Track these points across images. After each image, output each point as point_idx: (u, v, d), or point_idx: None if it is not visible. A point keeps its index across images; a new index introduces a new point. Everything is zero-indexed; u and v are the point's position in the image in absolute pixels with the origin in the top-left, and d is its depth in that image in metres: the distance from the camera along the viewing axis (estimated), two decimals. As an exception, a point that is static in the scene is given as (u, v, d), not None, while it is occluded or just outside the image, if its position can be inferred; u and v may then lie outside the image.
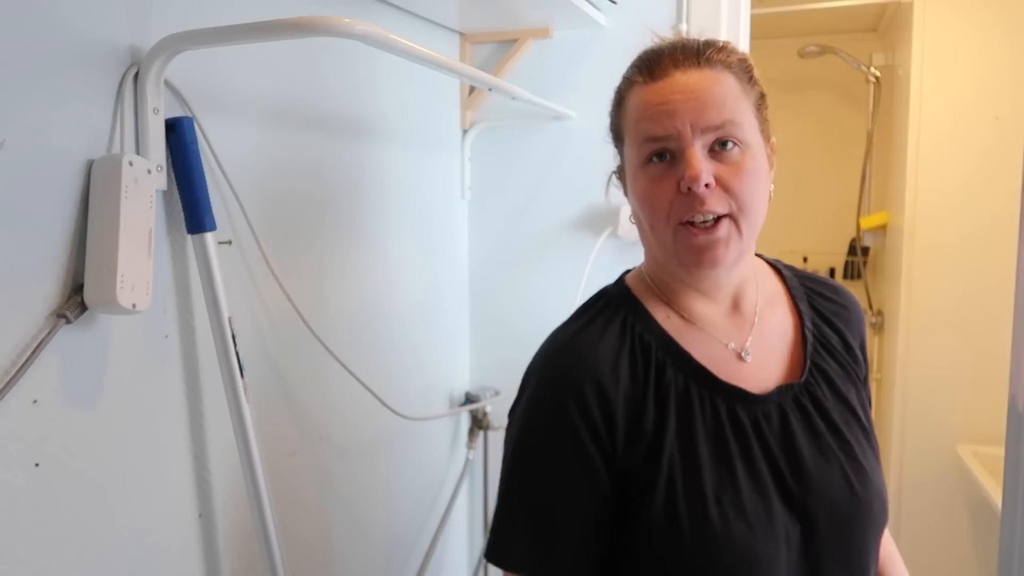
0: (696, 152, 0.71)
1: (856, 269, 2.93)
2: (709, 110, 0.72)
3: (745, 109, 0.74)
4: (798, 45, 2.84)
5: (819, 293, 0.87)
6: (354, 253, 1.22)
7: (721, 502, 0.70)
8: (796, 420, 0.76)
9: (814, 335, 0.82)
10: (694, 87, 0.73)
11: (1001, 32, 2.25)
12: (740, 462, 0.73)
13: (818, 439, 0.76)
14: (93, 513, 0.78)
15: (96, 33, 0.76)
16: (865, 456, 0.77)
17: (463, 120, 1.56)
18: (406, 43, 0.82)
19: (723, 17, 1.40)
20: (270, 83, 1.02)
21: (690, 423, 0.74)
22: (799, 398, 0.77)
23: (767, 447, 0.74)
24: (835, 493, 0.73)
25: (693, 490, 0.71)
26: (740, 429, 0.74)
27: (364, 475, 1.27)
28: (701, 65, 0.74)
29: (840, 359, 0.82)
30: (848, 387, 0.81)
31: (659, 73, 0.75)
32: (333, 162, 1.16)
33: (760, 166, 0.75)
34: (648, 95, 0.75)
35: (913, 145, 2.36)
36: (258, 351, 1.02)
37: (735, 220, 0.73)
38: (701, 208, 0.71)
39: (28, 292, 0.70)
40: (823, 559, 0.73)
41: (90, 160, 0.75)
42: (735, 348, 0.79)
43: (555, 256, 1.57)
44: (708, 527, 0.70)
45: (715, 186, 0.71)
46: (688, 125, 0.72)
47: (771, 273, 0.88)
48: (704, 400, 0.75)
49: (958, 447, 2.35)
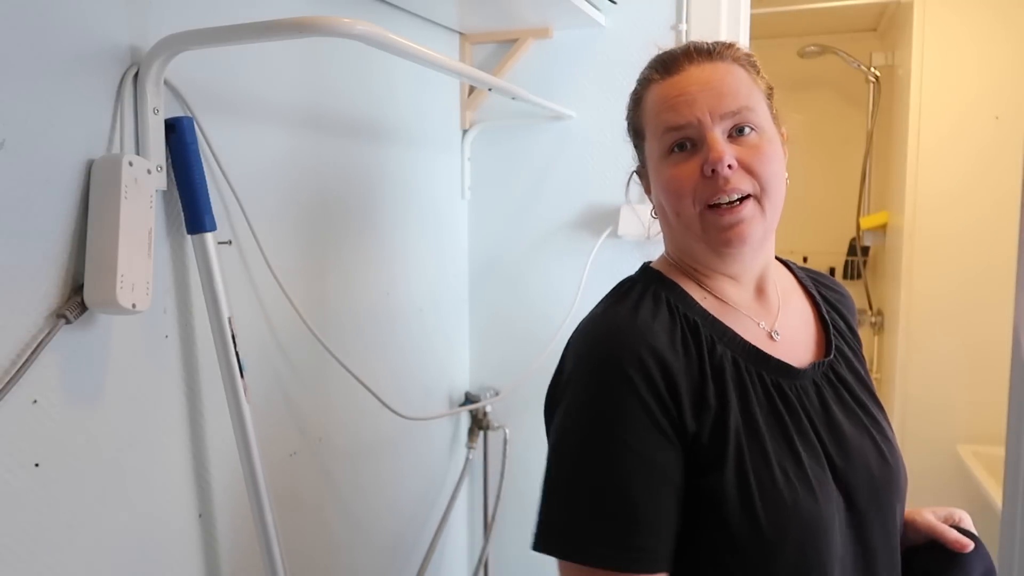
0: (717, 136, 0.75)
1: (856, 269, 2.93)
2: (725, 97, 0.76)
3: (757, 97, 0.79)
4: (798, 45, 2.84)
5: (822, 283, 0.93)
6: (354, 253, 1.22)
7: (786, 472, 0.72)
8: (830, 395, 0.80)
9: (831, 321, 0.87)
10: (709, 77, 0.77)
11: (1001, 32, 2.25)
12: (796, 434, 0.75)
13: (850, 413, 0.80)
14: (93, 513, 0.78)
15: (96, 33, 0.76)
16: (889, 430, 0.82)
17: (463, 120, 1.55)
18: (406, 43, 0.82)
19: (723, 17, 1.40)
20: (270, 83, 1.02)
21: (747, 397, 0.75)
22: (828, 375, 0.81)
23: (812, 420, 0.77)
24: (871, 462, 0.77)
25: (760, 461, 0.72)
26: (789, 403, 0.77)
27: (364, 475, 1.27)
28: (713, 59, 0.78)
29: (849, 342, 0.87)
30: (860, 366, 0.86)
31: (674, 69, 0.79)
32: (333, 162, 1.16)
33: (777, 150, 0.79)
34: (666, 89, 0.79)
35: (913, 145, 2.37)
36: (258, 351, 1.02)
37: (758, 200, 0.76)
38: (726, 187, 0.74)
39: (28, 292, 0.70)
40: (865, 526, 0.76)
41: (90, 160, 0.75)
42: (766, 328, 0.82)
43: (555, 256, 1.57)
44: (778, 497, 0.71)
45: (737, 167, 0.75)
46: (707, 112, 0.75)
47: (781, 267, 0.93)
48: (753, 375, 0.77)
49: (958, 447, 2.35)
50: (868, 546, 0.76)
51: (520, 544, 0.91)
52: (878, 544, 0.77)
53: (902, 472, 0.80)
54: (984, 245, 2.31)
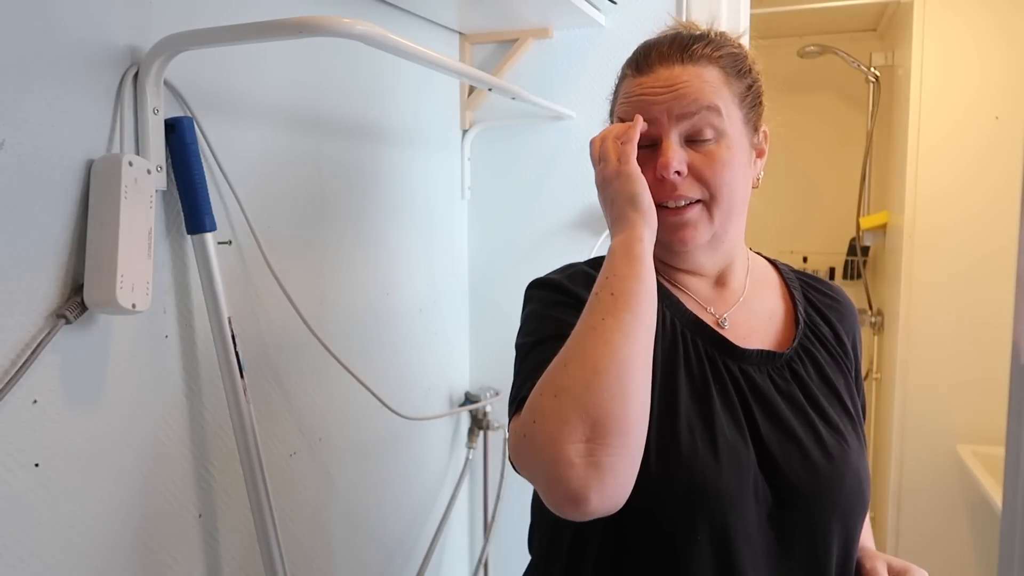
0: (671, 142, 0.77)
1: (856, 269, 2.93)
2: (683, 100, 0.77)
3: (724, 101, 0.78)
4: (798, 45, 2.84)
5: (814, 288, 0.91)
6: (354, 253, 1.22)
7: (692, 430, 0.73)
8: (778, 386, 0.79)
9: (806, 321, 0.86)
10: (673, 81, 0.78)
11: (1001, 32, 2.25)
12: (720, 403, 0.76)
13: (797, 407, 0.78)
14: (93, 513, 0.78)
15: (96, 33, 0.76)
16: (847, 434, 0.79)
17: (463, 120, 1.55)
18: (406, 43, 0.82)
19: (723, 17, 1.40)
20: (270, 83, 1.02)
21: (675, 356, 0.78)
22: (783, 370, 0.81)
23: (745, 398, 0.77)
24: (808, 455, 0.75)
25: (667, 414, 0.74)
26: (719, 375, 0.78)
27: (364, 475, 1.27)
28: (684, 61, 0.79)
29: (831, 349, 0.85)
30: (837, 376, 0.83)
31: (645, 67, 0.80)
32: (333, 162, 1.16)
33: (736, 156, 0.79)
34: (634, 87, 0.81)
35: (913, 145, 2.36)
36: (258, 351, 1.02)
37: (706, 205, 0.78)
38: (673, 194, 0.77)
39: (28, 292, 0.70)
40: (789, 528, 0.73)
41: (90, 160, 0.75)
42: (714, 314, 0.83)
43: (555, 256, 1.57)
44: (672, 447, 0.72)
45: (687, 174, 0.77)
46: (664, 114, 0.77)
47: (767, 265, 0.92)
48: (687, 339, 0.79)
49: (958, 447, 2.35)
50: (790, 551, 0.74)
51: (520, 544, 0.91)
52: (801, 552, 0.74)
53: (850, 477, 0.76)
54: (984, 245, 2.31)
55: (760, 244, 0.84)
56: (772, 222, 2.93)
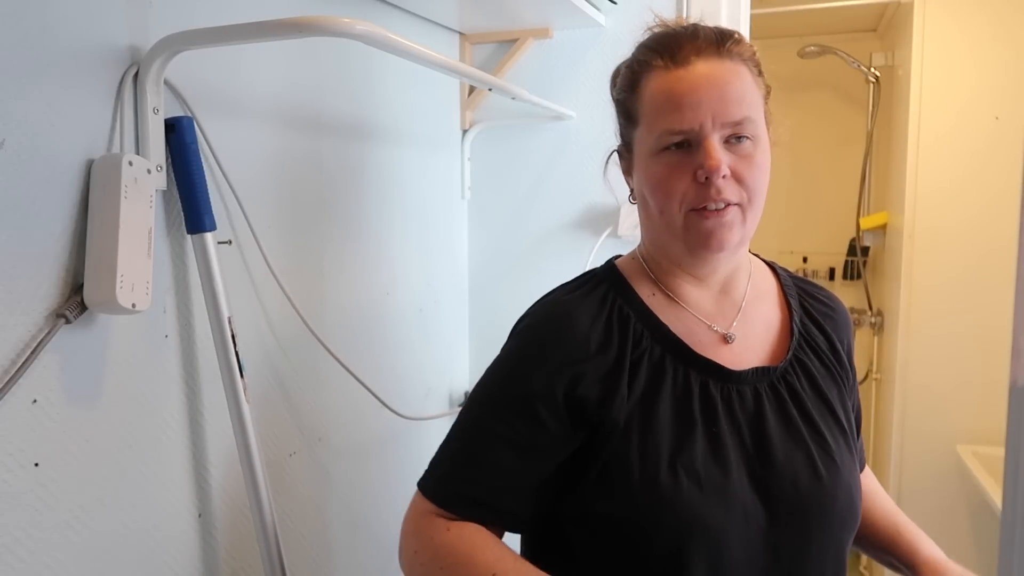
0: (715, 143, 0.74)
1: (856, 269, 2.93)
2: (731, 105, 0.73)
3: (758, 104, 0.77)
4: (798, 45, 2.84)
5: (810, 295, 0.90)
6: (354, 253, 1.22)
7: (675, 464, 0.73)
8: (769, 403, 0.78)
9: (800, 331, 0.84)
10: (717, 80, 0.74)
11: (1000, 32, 2.25)
12: (702, 431, 0.75)
13: (789, 424, 0.78)
14: (93, 513, 0.78)
15: (96, 33, 0.76)
16: (839, 451, 0.78)
17: (463, 120, 1.55)
18: (406, 43, 0.82)
19: (723, 17, 1.40)
20: (270, 83, 1.02)
21: (658, 390, 0.76)
22: (775, 384, 0.79)
23: (736, 423, 0.76)
24: (799, 476, 0.75)
25: (648, 449, 0.74)
26: (709, 401, 0.77)
27: (364, 475, 1.27)
28: (722, 56, 0.75)
29: (825, 359, 0.84)
30: (830, 386, 0.82)
31: (681, 59, 0.75)
32: (333, 162, 1.16)
33: (767, 159, 0.78)
34: (671, 83, 0.75)
35: (913, 145, 2.36)
36: (258, 351, 1.02)
37: (743, 208, 0.76)
38: (717, 196, 0.74)
39: (28, 292, 0.70)
40: (783, 544, 0.74)
41: (90, 160, 0.75)
42: (720, 330, 0.81)
43: (555, 256, 1.57)
44: (656, 488, 0.72)
45: (729, 176, 0.74)
46: (710, 118, 0.73)
47: (766, 270, 0.91)
48: (677, 371, 0.78)
49: (958, 447, 2.35)
50: (783, 568, 0.74)
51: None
52: (795, 569, 0.74)
53: (842, 496, 0.76)
54: (984, 245, 2.31)
55: (760, 244, 0.84)
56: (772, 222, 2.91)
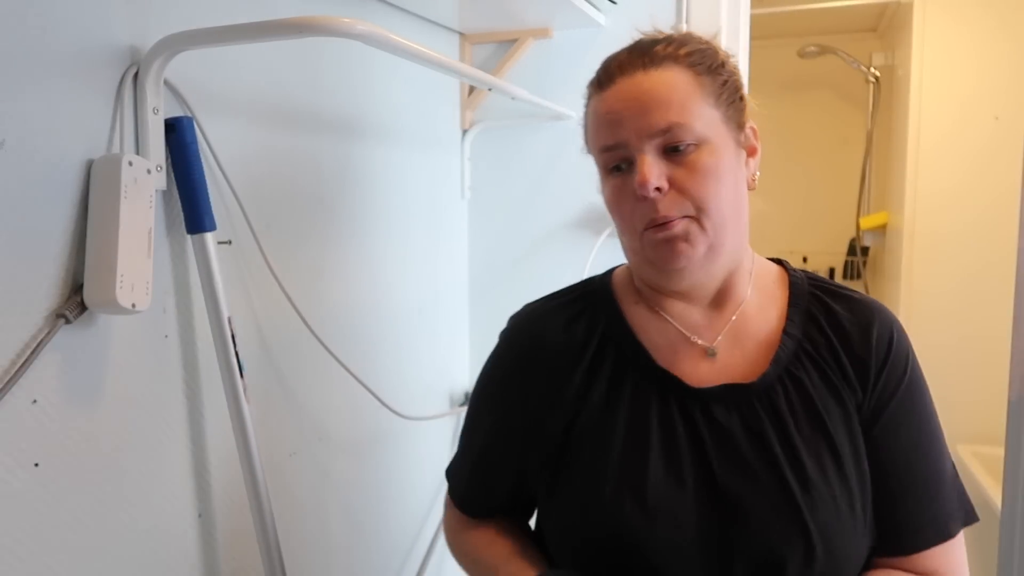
0: (647, 158, 0.70)
1: (856, 269, 2.93)
2: (652, 115, 0.70)
3: (698, 103, 0.71)
4: (798, 45, 2.84)
5: (825, 304, 0.79)
6: (354, 253, 1.22)
7: (622, 483, 0.72)
8: (742, 423, 0.73)
9: (798, 343, 0.76)
10: (636, 93, 0.71)
11: (1000, 32, 2.25)
12: (657, 450, 0.73)
13: (764, 448, 0.72)
14: (93, 513, 0.78)
15: (96, 33, 0.76)
16: (822, 482, 0.70)
17: (463, 120, 1.55)
18: (406, 43, 0.82)
19: (723, 17, 1.40)
20: (270, 83, 1.02)
21: (615, 403, 0.75)
22: (754, 402, 0.74)
23: (698, 443, 0.72)
24: (763, 506, 0.69)
25: (597, 465, 0.73)
26: (667, 419, 0.74)
27: (364, 475, 1.27)
28: (646, 66, 0.72)
29: (828, 375, 0.75)
30: (830, 406, 0.74)
31: (606, 81, 0.74)
32: (333, 162, 1.16)
33: (722, 161, 0.72)
34: (598, 105, 0.75)
35: (913, 145, 2.37)
36: (258, 351, 1.02)
37: (696, 219, 0.71)
38: (657, 214, 0.71)
39: (28, 292, 0.70)
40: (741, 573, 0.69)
41: (90, 160, 0.75)
42: (703, 344, 0.78)
43: (555, 256, 1.57)
44: (600, 504, 0.72)
45: (669, 189, 0.70)
46: (633, 133, 0.71)
47: (776, 275, 0.84)
48: (638, 385, 0.76)
49: (958, 447, 2.35)
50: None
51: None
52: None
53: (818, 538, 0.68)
54: (984, 245, 2.31)
55: (760, 244, 0.83)
56: (772, 222, 2.93)
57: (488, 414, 0.87)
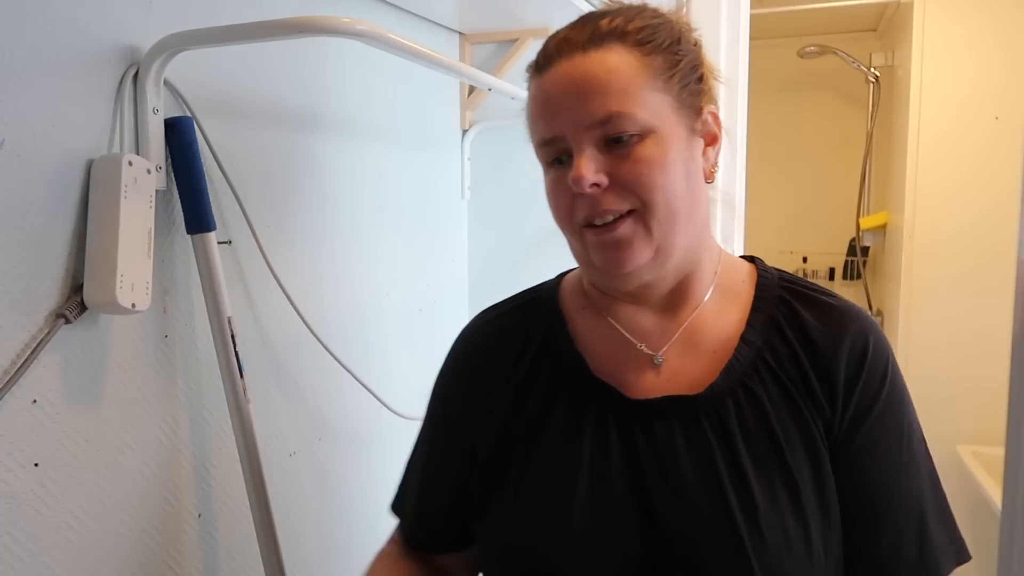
0: (585, 152, 0.62)
1: (856, 269, 2.93)
2: (589, 104, 0.62)
3: (643, 89, 0.63)
4: (798, 45, 2.84)
5: (793, 309, 0.70)
6: (354, 253, 1.22)
7: (546, 506, 0.66)
8: (686, 440, 0.65)
9: (757, 352, 0.68)
10: (574, 78, 0.63)
11: (1000, 32, 2.25)
12: (587, 470, 0.66)
13: (709, 469, 0.64)
14: (93, 513, 0.78)
15: (96, 33, 0.76)
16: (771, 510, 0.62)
17: (463, 120, 1.55)
18: (406, 43, 0.82)
19: (723, 17, 1.40)
20: (270, 83, 1.02)
21: (546, 416, 0.70)
22: (700, 416, 0.66)
23: (634, 462, 0.66)
24: (701, 535, 0.62)
25: (521, 485, 0.69)
26: (602, 434, 0.67)
27: (364, 475, 1.27)
28: (587, 47, 0.64)
29: (788, 387, 0.66)
30: (788, 426, 0.65)
31: (544, 64, 0.67)
32: (333, 162, 1.16)
33: (670, 152, 0.63)
34: (534, 92, 0.67)
35: (913, 145, 2.37)
36: (258, 351, 1.02)
37: (641, 215, 0.64)
38: (597, 210, 0.63)
39: (28, 292, 0.70)
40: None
41: (90, 160, 0.75)
42: (648, 351, 0.70)
43: (555, 256, 1.56)
44: (520, 528, 0.68)
45: (610, 184, 0.63)
46: (569, 125, 0.63)
47: (745, 275, 0.74)
48: (573, 396, 0.70)
49: (958, 447, 2.35)
50: None
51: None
52: None
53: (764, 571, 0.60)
54: (984, 245, 2.31)
55: (760, 244, 0.83)
56: (772, 222, 2.93)
57: (428, 430, 0.84)
